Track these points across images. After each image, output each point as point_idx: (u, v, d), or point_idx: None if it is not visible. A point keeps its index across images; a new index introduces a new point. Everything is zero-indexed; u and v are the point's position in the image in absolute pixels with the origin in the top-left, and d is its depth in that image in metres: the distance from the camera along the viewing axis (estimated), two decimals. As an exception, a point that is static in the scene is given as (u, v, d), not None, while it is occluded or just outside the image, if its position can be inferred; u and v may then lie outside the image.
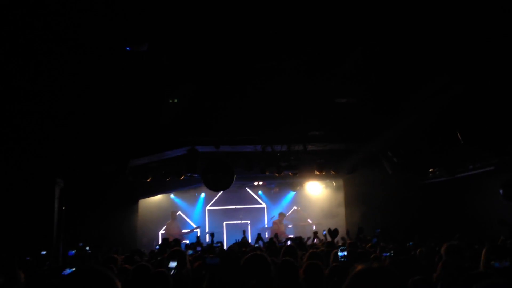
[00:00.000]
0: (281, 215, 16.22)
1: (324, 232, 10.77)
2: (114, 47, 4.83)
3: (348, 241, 8.84)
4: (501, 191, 9.59)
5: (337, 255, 6.29)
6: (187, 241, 13.82)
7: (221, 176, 9.75)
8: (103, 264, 6.39)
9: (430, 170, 13.04)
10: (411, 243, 9.38)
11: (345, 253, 6.31)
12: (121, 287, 1.89)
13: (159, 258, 6.65)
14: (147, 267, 5.21)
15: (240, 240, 10.77)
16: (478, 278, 2.79)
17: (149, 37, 5.06)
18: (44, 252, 8.37)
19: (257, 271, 4.19)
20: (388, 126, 9.61)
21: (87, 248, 8.73)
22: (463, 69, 6.69)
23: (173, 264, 4.90)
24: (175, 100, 8.53)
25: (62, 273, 4.77)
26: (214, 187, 10.39)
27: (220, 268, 4.33)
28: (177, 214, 16.01)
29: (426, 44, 6.12)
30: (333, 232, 9.18)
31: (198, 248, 9.54)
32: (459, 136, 8.40)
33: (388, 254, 6.98)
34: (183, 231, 15.29)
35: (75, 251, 9.29)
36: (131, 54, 5.86)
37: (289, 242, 9.52)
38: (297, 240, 9.59)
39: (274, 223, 16.15)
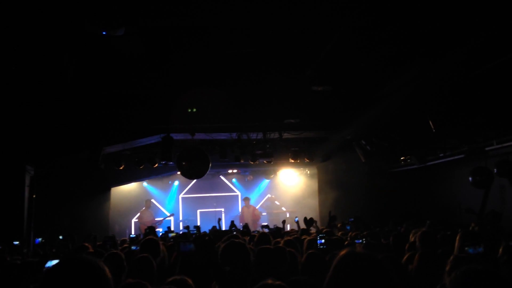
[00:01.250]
0: (246, 199, 16.35)
1: (296, 219, 10.88)
2: (89, 30, 4.68)
3: (325, 229, 8.96)
4: (470, 178, 9.84)
5: (316, 242, 6.38)
6: (160, 229, 13.76)
7: (196, 163, 9.67)
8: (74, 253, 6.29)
9: (402, 158, 13.30)
10: (379, 228, 9.62)
11: (323, 240, 6.40)
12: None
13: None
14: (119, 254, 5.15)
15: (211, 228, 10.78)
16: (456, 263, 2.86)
17: (126, 19, 4.92)
18: (16, 242, 8.18)
19: (237, 258, 4.19)
20: (362, 113, 9.71)
21: (60, 237, 8.56)
22: (435, 56, 6.79)
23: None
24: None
25: (46, 266, 4.60)
26: (189, 175, 10.31)
27: (195, 254, 4.29)
28: (151, 202, 15.90)
29: (402, 30, 6.17)
30: (308, 221, 9.27)
31: (169, 235, 9.54)
32: (431, 124, 8.56)
33: (360, 241, 7.12)
34: (156, 219, 15.20)
35: (40, 238, 9.13)
36: (106, 37, 5.70)
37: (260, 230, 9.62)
38: (274, 229, 9.65)
39: (242, 209, 16.31)
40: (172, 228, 13.36)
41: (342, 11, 5.48)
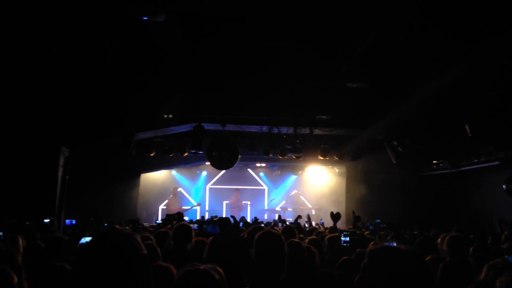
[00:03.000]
0: (236, 190, 16.46)
1: (322, 221, 10.79)
2: (131, 15, 4.76)
3: (351, 229, 8.86)
4: (504, 186, 9.57)
5: (340, 239, 6.32)
6: (186, 217, 13.91)
7: (226, 154, 9.74)
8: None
9: (434, 161, 13.02)
10: (409, 232, 9.45)
11: (348, 238, 6.33)
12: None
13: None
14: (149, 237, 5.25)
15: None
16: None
17: (165, 9, 4.99)
18: (47, 220, 8.41)
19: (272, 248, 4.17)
20: (396, 113, 9.56)
21: (92, 218, 8.75)
22: (478, 59, 6.61)
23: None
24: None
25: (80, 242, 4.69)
26: (218, 165, 10.39)
27: (221, 236, 4.29)
28: (178, 190, 16.09)
29: (443, 29, 6.03)
30: (335, 216, 9.13)
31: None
32: (467, 128, 8.34)
33: (388, 244, 7.00)
34: (183, 207, 15.38)
35: (74, 220, 9.34)
36: (146, 23, 5.80)
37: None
38: (296, 224, 9.62)
39: (230, 199, 16.49)
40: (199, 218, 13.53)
41: (381, 7, 5.40)
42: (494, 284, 2.17)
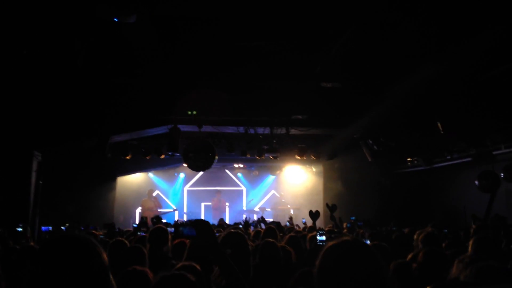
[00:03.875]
0: (218, 193, 16.53)
1: (304, 220, 10.84)
2: (101, 16, 4.70)
3: (329, 226, 8.93)
4: (476, 182, 9.78)
5: (316, 239, 6.36)
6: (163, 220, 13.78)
7: (202, 156, 9.70)
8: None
9: (408, 159, 13.24)
10: (384, 228, 9.57)
11: (324, 237, 6.38)
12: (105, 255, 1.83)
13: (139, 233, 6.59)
14: (124, 242, 5.19)
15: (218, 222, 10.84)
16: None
17: (138, 7, 4.94)
18: (20, 229, 8.20)
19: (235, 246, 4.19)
20: (370, 112, 9.68)
21: (67, 224, 8.62)
22: (450, 58, 6.75)
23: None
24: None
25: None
26: (195, 167, 10.34)
27: (198, 238, 4.27)
28: (156, 193, 15.95)
29: (416, 29, 6.14)
30: (314, 214, 9.18)
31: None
32: (439, 125, 8.51)
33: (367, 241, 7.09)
34: (159, 210, 15.24)
35: (50, 227, 9.16)
36: (116, 25, 5.73)
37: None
38: (275, 224, 9.66)
39: (213, 201, 16.50)
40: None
41: (355, 6, 5.46)
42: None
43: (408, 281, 3.81)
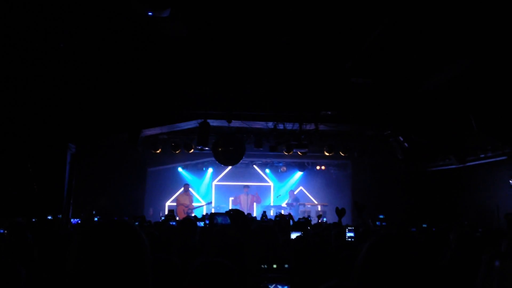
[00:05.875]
0: (245, 188, 16.44)
1: (325, 219, 10.78)
2: (135, 12, 4.79)
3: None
4: (510, 181, 9.52)
5: (345, 234, 6.31)
6: (193, 214, 13.96)
7: (231, 150, 9.77)
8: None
9: (440, 156, 12.98)
10: (414, 229, 9.42)
11: (353, 233, 6.32)
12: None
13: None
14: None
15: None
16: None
17: (169, 3, 5.01)
18: (50, 217, 8.45)
19: (264, 240, 4.23)
20: (402, 109, 9.54)
21: (96, 218, 8.84)
22: (485, 53, 6.59)
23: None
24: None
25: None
26: (224, 161, 10.42)
27: (231, 228, 4.34)
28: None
29: (450, 24, 6.01)
30: (340, 211, 9.14)
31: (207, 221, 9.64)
32: (473, 122, 8.31)
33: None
34: (194, 204, 15.42)
35: (79, 219, 9.42)
36: (150, 22, 5.83)
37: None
38: (303, 220, 9.67)
39: (240, 197, 16.38)
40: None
41: (387, 1, 5.39)
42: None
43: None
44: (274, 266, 2.84)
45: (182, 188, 15.54)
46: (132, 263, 1.76)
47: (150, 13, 4.71)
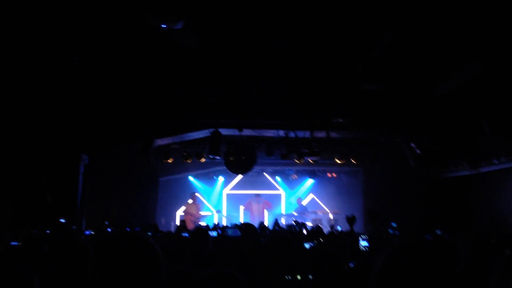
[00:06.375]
0: (257, 196, 16.38)
1: (339, 228, 10.73)
2: (147, 24, 4.84)
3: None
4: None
5: (359, 243, 6.23)
6: (203, 223, 13.96)
7: (243, 159, 9.77)
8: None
9: (453, 163, 12.86)
10: (429, 236, 9.32)
11: (367, 243, 6.22)
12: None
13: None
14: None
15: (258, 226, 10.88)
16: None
17: (182, 16, 5.05)
18: (63, 220, 8.49)
19: (280, 251, 4.21)
20: (413, 115, 9.48)
21: (109, 229, 8.88)
22: (496, 56, 6.54)
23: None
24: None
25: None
26: (235, 170, 10.43)
27: (241, 241, 4.34)
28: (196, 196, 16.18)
29: (461, 29, 5.99)
30: (351, 219, 9.07)
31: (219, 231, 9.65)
32: (486, 127, 8.23)
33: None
34: (201, 213, 15.42)
35: (92, 231, 9.45)
36: (161, 33, 5.87)
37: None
38: (316, 228, 9.63)
39: (251, 205, 16.33)
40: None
41: (400, 6, 5.38)
42: None
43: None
44: (299, 277, 2.83)
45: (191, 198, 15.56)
46: (147, 276, 1.77)
47: (163, 26, 4.75)
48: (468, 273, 4.06)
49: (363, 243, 6.23)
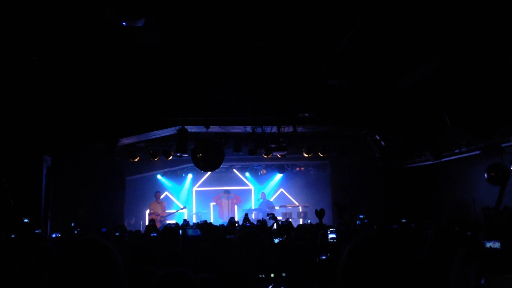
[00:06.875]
0: (226, 192, 16.52)
1: (309, 221, 10.85)
2: (109, 22, 4.74)
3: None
4: (485, 175, 9.74)
5: (327, 236, 6.37)
6: (172, 221, 13.86)
7: (211, 156, 9.73)
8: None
9: (416, 153, 13.21)
10: (396, 225, 9.56)
11: (335, 235, 6.38)
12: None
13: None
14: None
15: (228, 221, 10.87)
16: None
17: (143, 13, 4.98)
18: (26, 220, 8.28)
19: (250, 247, 4.23)
20: (377, 108, 9.67)
21: (76, 230, 8.70)
22: (456, 51, 6.74)
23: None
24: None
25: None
26: (203, 167, 10.37)
27: (202, 240, 4.33)
28: (164, 194, 16.03)
29: (421, 24, 6.14)
30: (319, 213, 9.22)
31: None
32: (446, 118, 8.50)
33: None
34: (167, 211, 15.31)
35: (57, 233, 9.25)
36: (124, 30, 5.78)
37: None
38: (286, 223, 9.70)
39: (221, 201, 16.48)
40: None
41: (360, 3, 5.47)
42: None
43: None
44: (272, 275, 2.84)
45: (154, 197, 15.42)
46: (105, 281, 1.77)
47: (124, 23, 4.67)
48: (431, 260, 4.20)
49: (331, 235, 6.36)
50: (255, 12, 6.30)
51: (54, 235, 9.41)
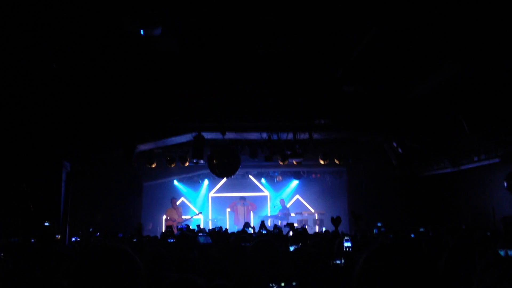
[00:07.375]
0: (242, 199, 16.45)
1: (324, 228, 10.79)
2: (127, 30, 4.83)
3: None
4: (505, 183, 9.58)
5: (342, 244, 6.31)
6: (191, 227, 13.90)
7: (227, 162, 9.78)
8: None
9: (435, 161, 13.04)
10: (413, 234, 9.44)
11: (350, 243, 6.32)
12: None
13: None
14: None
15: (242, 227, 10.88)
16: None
17: (160, 21, 5.06)
18: (47, 223, 8.40)
19: (265, 256, 4.23)
20: (394, 115, 9.61)
21: (97, 234, 8.81)
22: (474, 57, 6.67)
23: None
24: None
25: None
26: (219, 174, 10.44)
27: (212, 247, 4.35)
28: (180, 200, 16.11)
29: (438, 30, 6.10)
30: (335, 220, 9.16)
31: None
32: (465, 125, 8.39)
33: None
34: (183, 217, 15.38)
35: (78, 237, 9.37)
36: (141, 38, 5.86)
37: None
38: (301, 230, 9.67)
39: (237, 207, 16.42)
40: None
41: (376, 9, 5.47)
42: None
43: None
44: (282, 284, 2.83)
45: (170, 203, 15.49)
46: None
47: (142, 32, 4.75)
48: (449, 269, 4.14)
49: (346, 244, 6.31)
50: (273, 19, 6.34)
51: (73, 239, 9.56)
